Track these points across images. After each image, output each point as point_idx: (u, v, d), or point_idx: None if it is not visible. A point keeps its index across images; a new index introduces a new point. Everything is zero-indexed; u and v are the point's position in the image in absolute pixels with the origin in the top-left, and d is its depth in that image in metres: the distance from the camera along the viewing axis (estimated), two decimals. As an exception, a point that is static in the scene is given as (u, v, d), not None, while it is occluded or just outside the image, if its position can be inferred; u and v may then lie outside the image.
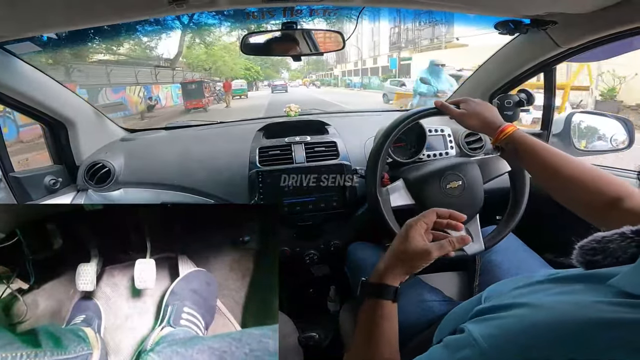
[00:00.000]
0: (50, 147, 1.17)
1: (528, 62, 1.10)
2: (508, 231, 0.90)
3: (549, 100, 1.19)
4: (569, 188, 0.67)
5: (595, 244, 0.40)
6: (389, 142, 0.86)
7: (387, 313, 0.57)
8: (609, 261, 0.38)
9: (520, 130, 0.76)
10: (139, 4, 0.73)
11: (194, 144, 1.27)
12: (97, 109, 1.27)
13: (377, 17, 18.41)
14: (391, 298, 0.57)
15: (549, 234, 1.06)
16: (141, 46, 16.34)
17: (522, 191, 0.90)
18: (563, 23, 0.88)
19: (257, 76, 32.76)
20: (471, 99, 0.83)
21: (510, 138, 0.75)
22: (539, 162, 0.71)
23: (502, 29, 0.96)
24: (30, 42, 0.92)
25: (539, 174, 0.73)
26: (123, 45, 14.72)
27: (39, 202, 1.03)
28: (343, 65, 39.06)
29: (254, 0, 0.79)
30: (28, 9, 0.65)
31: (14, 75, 0.93)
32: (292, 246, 1.11)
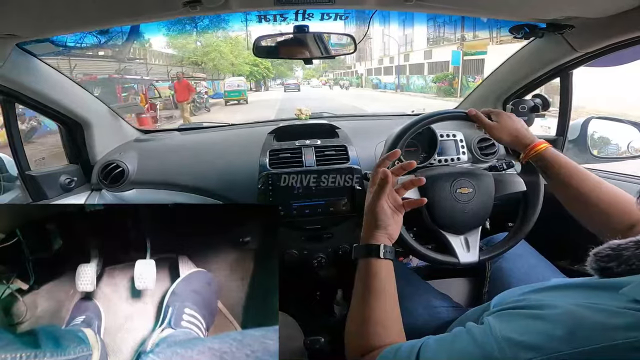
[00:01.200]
0: (67, 147, 1.19)
1: (544, 66, 1.08)
2: (518, 240, 0.88)
3: (565, 106, 1.17)
4: (595, 212, 0.67)
5: (610, 251, 0.40)
6: (400, 145, 0.85)
7: (376, 269, 0.61)
8: (622, 268, 0.38)
9: (552, 149, 0.75)
10: (153, 6, 0.74)
11: (206, 146, 1.28)
12: (112, 110, 1.29)
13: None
14: (376, 255, 0.61)
15: (562, 241, 1.04)
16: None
17: (535, 205, 0.87)
18: (580, 27, 0.87)
19: (266, 74, 28.62)
20: (504, 112, 0.82)
21: (541, 155, 0.74)
22: (569, 185, 0.71)
23: (517, 33, 0.94)
24: (49, 42, 0.94)
25: (566, 196, 0.73)
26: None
27: (53, 201, 1.05)
28: (364, 63, 34.62)
29: (266, 3, 0.80)
30: (46, 10, 0.67)
31: (34, 75, 0.95)
32: (300, 249, 1.11)
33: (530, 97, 1.05)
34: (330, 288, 1.30)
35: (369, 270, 0.61)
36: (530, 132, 0.79)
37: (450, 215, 0.85)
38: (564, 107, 1.17)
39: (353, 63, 39.33)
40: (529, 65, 1.13)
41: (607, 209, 0.65)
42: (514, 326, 0.38)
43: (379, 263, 0.61)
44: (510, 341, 0.36)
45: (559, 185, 0.73)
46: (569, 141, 1.21)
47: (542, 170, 0.77)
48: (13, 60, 0.86)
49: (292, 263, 1.12)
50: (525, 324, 0.38)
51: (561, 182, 0.72)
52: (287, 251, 1.10)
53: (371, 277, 0.60)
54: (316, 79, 41.30)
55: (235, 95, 16.42)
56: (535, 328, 0.36)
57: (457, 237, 0.86)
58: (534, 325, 0.36)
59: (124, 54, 13.19)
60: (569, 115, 1.18)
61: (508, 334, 0.37)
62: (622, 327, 0.31)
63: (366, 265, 0.61)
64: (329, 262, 1.13)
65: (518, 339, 0.36)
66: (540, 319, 0.37)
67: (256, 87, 28.07)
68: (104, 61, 12.34)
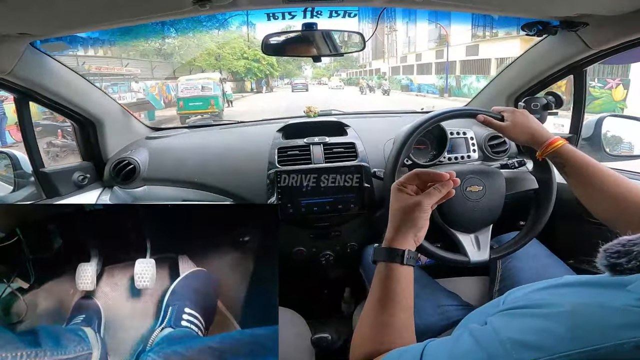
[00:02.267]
0: (80, 144, 1.22)
1: (557, 64, 1.07)
2: (529, 239, 0.87)
3: (579, 103, 1.15)
4: (614, 208, 0.66)
5: (620, 247, 0.39)
6: (409, 143, 0.84)
7: (397, 276, 0.58)
8: (633, 264, 0.37)
9: (569, 145, 0.74)
10: (163, 5, 0.75)
11: (215, 143, 1.29)
12: (124, 108, 1.31)
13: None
14: (399, 261, 0.58)
15: (575, 240, 1.02)
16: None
17: (548, 203, 0.86)
18: (595, 24, 0.85)
19: (270, 71, 23.83)
20: (517, 110, 0.81)
21: (558, 152, 0.73)
22: (588, 182, 0.69)
23: (529, 31, 0.93)
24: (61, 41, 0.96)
25: (584, 193, 0.71)
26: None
27: (66, 197, 1.07)
28: (387, 61, 28.88)
29: (275, 1, 0.80)
30: (58, 9, 0.68)
31: (48, 73, 0.97)
32: (308, 247, 1.11)
33: (543, 94, 1.03)
34: (338, 286, 1.30)
35: (390, 275, 0.58)
36: (545, 129, 0.78)
37: (460, 213, 0.84)
38: (577, 105, 1.15)
39: (368, 61, 34.54)
40: (541, 63, 1.11)
41: (629, 205, 0.64)
42: (517, 326, 0.38)
43: (401, 269, 0.58)
44: (515, 341, 0.35)
45: (577, 182, 0.72)
46: (582, 139, 1.19)
47: (559, 167, 0.75)
48: (27, 59, 0.87)
49: (300, 261, 1.12)
50: (529, 323, 0.37)
51: (580, 179, 0.71)
52: (295, 248, 1.10)
53: (391, 282, 0.57)
54: (335, 78, 35.46)
55: (197, 107, 10.09)
56: (540, 327, 0.35)
57: (467, 235, 0.85)
58: (539, 324, 0.36)
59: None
60: (583, 112, 1.16)
61: (512, 334, 0.36)
62: (629, 326, 0.31)
63: (387, 270, 0.58)
64: (337, 259, 1.13)
65: (522, 339, 0.35)
66: (545, 318, 0.36)
67: (257, 88, 24.43)
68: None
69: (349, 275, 1.25)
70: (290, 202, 1.04)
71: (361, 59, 35.76)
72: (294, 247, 1.10)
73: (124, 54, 13.63)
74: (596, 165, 0.70)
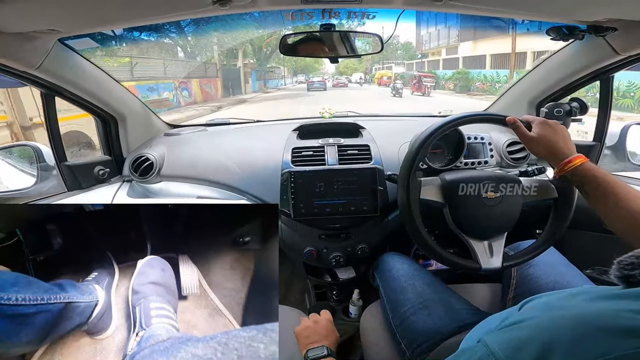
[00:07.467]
0: (102, 139, 1.25)
1: (582, 69, 1.03)
2: (545, 248, 0.84)
3: (604, 111, 1.11)
4: (632, 225, 0.63)
5: (634, 259, 0.38)
6: (424, 147, 0.83)
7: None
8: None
9: (590, 163, 0.71)
10: (184, 3, 0.76)
11: (231, 141, 1.31)
12: (145, 104, 1.34)
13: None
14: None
15: (592, 249, 0.99)
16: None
17: (567, 213, 0.83)
18: (623, 30, 0.82)
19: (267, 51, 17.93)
20: (549, 122, 0.76)
21: (577, 170, 0.70)
22: (608, 201, 0.66)
23: (554, 35, 0.90)
24: (88, 38, 0.99)
25: (603, 210, 0.68)
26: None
27: (87, 190, 1.10)
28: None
29: (293, 2, 0.81)
30: (87, 6, 0.70)
31: (74, 70, 1.00)
32: (318, 247, 1.11)
33: (567, 100, 1.00)
34: (346, 287, 1.30)
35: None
36: (571, 144, 0.74)
37: (474, 219, 0.83)
38: (603, 112, 1.11)
39: (394, 62, 29.65)
40: (566, 68, 1.08)
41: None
42: (515, 340, 0.36)
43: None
44: (513, 357, 0.34)
45: (597, 202, 0.69)
46: (606, 147, 1.15)
47: (578, 186, 0.73)
48: (55, 55, 0.90)
49: (311, 261, 1.12)
50: (528, 336, 0.35)
51: (599, 199, 0.68)
52: (307, 249, 1.10)
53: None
54: (361, 73, 29.14)
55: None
56: (540, 338, 0.34)
57: (480, 242, 0.83)
58: (539, 336, 0.34)
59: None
60: (608, 120, 1.12)
61: (509, 352, 0.35)
62: (631, 332, 0.30)
63: None
64: (347, 261, 1.13)
65: (521, 355, 0.34)
66: (547, 330, 0.35)
67: (259, 87, 19.60)
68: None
69: (358, 278, 1.24)
70: (303, 202, 1.04)
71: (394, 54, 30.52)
72: (305, 248, 1.10)
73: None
74: (616, 183, 0.67)
